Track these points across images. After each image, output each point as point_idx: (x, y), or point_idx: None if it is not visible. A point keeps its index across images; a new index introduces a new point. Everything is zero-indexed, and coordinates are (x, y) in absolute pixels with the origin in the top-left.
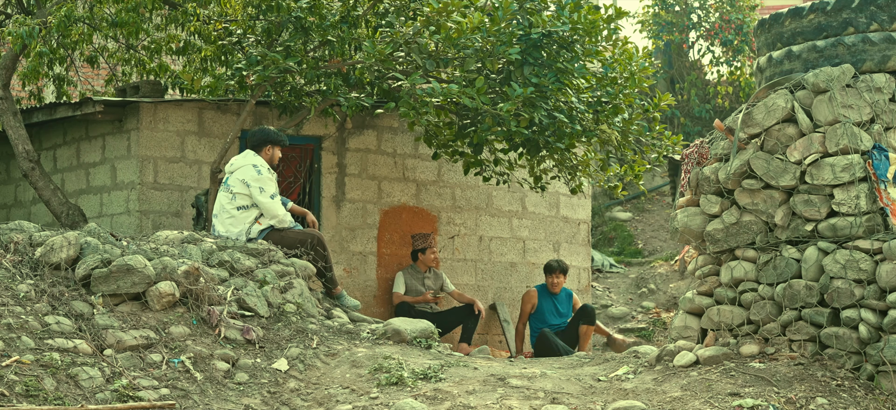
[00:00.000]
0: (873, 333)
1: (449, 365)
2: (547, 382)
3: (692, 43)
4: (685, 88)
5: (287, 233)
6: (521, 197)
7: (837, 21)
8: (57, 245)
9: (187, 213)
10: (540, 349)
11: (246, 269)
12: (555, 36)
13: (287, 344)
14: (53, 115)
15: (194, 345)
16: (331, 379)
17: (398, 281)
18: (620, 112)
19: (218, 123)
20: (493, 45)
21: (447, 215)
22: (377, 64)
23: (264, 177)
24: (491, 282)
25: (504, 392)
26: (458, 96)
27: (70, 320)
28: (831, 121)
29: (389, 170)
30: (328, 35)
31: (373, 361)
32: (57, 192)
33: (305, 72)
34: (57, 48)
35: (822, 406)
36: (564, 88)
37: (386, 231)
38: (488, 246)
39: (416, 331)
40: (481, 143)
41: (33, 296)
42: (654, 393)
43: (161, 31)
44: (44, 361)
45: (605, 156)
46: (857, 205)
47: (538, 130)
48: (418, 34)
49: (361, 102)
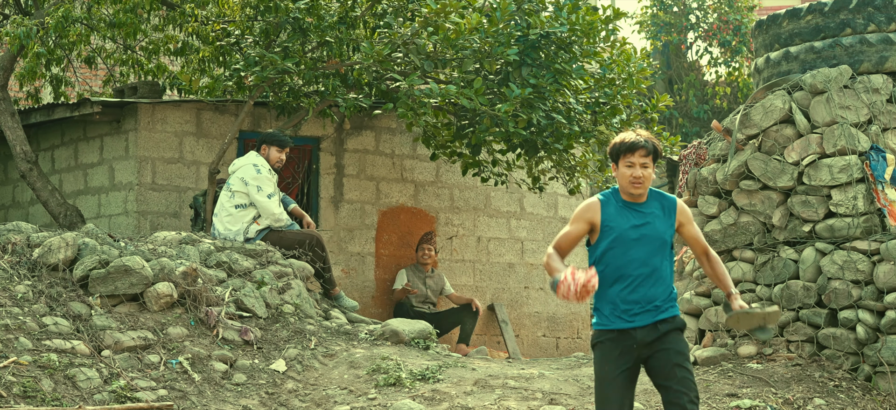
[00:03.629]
0: (871, 334)
1: (447, 366)
2: (545, 383)
3: (690, 44)
4: (683, 89)
5: (285, 234)
6: (520, 197)
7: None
8: (55, 246)
9: (185, 214)
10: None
11: (244, 270)
12: (553, 37)
13: (285, 345)
14: (51, 116)
15: (192, 346)
16: (329, 380)
17: (400, 278)
18: (618, 113)
19: (216, 124)
20: (492, 45)
21: (445, 216)
22: (375, 65)
23: (263, 177)
24: (489, 283)
25: (502, 393)
26: (456, 97)
27: (68, 321)
28: (829, 122)
29: (388, 171)
30: (326, 36)
31: (371, 362)
32: (55, 193)
33: (303, 73)
34: (54, 49)
35: (820, 407)
36: (562, 89)
37: (384, 232)
38: (486, 247)
39: (414, 332)
40: (479, 144)
41: (31, 297)
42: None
43: (159, 31)
44: (41, 362)
45: (603, 157)
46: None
47: (536, 131)
48: (416, 35)
49: (359, 103)
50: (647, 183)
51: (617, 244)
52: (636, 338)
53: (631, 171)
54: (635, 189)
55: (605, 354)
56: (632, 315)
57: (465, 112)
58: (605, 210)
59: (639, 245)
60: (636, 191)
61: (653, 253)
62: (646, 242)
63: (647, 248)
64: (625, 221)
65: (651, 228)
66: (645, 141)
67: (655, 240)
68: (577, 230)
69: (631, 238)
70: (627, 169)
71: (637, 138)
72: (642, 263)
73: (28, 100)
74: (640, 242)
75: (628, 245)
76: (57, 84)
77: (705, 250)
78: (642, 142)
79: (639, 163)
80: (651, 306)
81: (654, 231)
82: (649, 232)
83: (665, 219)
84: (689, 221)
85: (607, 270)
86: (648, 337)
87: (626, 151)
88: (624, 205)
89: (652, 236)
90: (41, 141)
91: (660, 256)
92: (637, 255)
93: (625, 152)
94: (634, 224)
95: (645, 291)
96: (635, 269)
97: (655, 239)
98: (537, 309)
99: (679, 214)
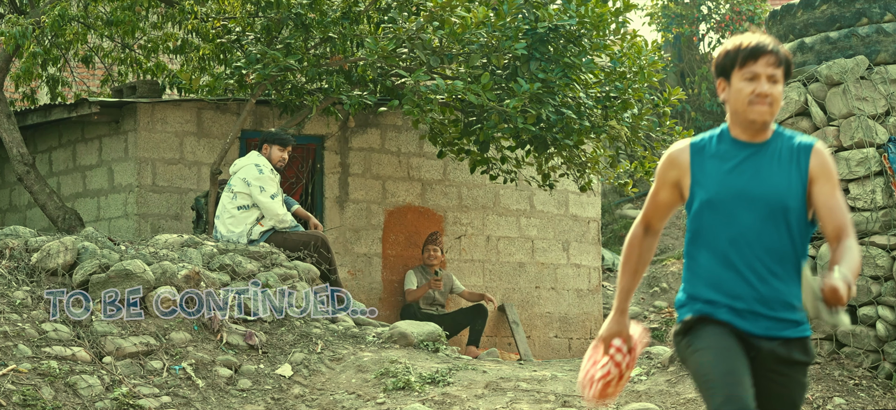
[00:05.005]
0: (891, 331)
1: (457, 369)
2: (558, 385)
3: (702, 35)
4: (696, 82)
5: (290, 236)
6: (529, 195)
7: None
8: (53, 250)
9: (187, 216)
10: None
11: (248, 273)
12: (561, 30)
13: (291, 349)
14: (48, 117)
15: (196, 351)
16: (336, 385)
17: (409, 278)
18: (630, 107)
19: (217, 123)
20: (499, 40)
21: (453, 215)
22: (380, 61)
23: (266, 177)
24: (499, 283)
25: (514, 395)
26: (463, 93)
27: (68, 327)
28: (845, 115)
29: (394, 170)
30: (329, 31)
31: (379, 365)
32: (53, 196)
33: (306, 70)
34: (51, 48)
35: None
36: (572, 83)
37: (391, 231)
38: (496, 246)
39: (422, 334)
40: (487, 141)
41: (30, 303)
42: (668, 395)
43: (158, 29)
44: (41, 369)
45: (614, 153)
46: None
47: (546, 127)
48: (422, 30)
49: (364, 100)
50: (775, 106)
51: (712, 207)
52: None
53: (753, 85)
54: (759, 108)
55: (702, 331)
56: (740, 314)
57: (473, 108)
58: (696, 158)
59: (748, 207)
60: (761, 112)
61: (767, 220)
62: (759, 205)
63: (759, 213)
64: (725, 171)
65: (767, 182)
66: (774, 45)
67: (772, 202)
68: (663, 198)
69: (733, 195)
70: (747, 82)
71: (762, 40)
72: (755, 238)
73: (24, 102)
74: (752, 204)
75: (730, 207)
76: (54, 84)
77: (839, 231)
78: (770, 47)
79: (765, 75)
80: (767, 310)
81: (771, 187)
82: (764, 187)
83: (791, 170)
84: (826, 177)
85: (701, 244)
86: (768, 356)
87: (747, 58)
88: (732, 145)
89: (768, 195)
90: (38, 143)
91: (780, 227)
92: (745, 224)
93: (745, 59)
94: (741, 175)
95: (757, 282)
96: (742, 248)
97: (772, 201)
98: (549, 309)
99: (814, 164)
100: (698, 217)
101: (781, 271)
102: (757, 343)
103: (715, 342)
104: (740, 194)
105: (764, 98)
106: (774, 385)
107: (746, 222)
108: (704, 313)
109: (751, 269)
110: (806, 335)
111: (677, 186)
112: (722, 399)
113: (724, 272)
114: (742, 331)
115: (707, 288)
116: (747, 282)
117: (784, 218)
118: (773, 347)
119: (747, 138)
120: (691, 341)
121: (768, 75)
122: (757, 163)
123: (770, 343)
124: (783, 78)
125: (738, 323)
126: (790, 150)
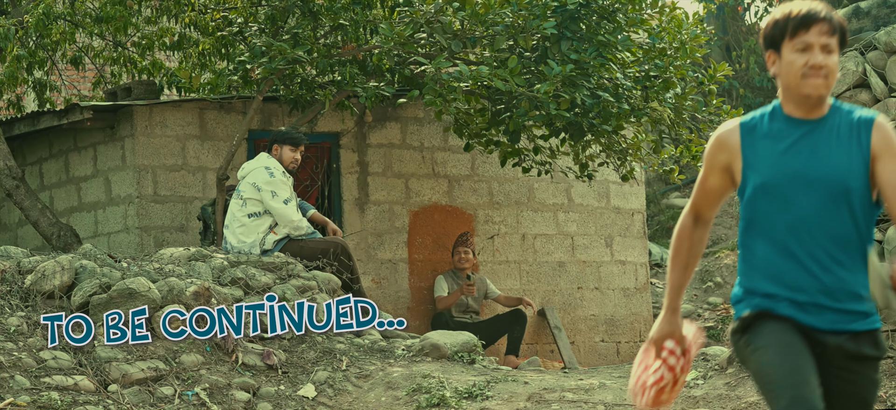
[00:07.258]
0: None
1: (496, 381)
2: (607, 394)
3: (748, 5)
4: (743, 56)
5: (307, 244)
6: (567, 187)
7: None
8: (49, 271)
9: (193, 227)
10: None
11: (263, 286)
12: (594, 5)
13: (313, 368)
14: (37, 126)
15: (209, 375)
16: (364, 404)
17: (440, 284)
18: (672, 86)
19: (222, 124)
20: (526, 19)
21: (484, 213)
22: (397, 48)
23: (277, 181)
24: (537, 285)
25: (559, 407)
26: (489, 79)
27: (68, 354)
28: None
29: (417, 166)
30: (340, 18)
31: (410, 381)
32: (45, 212)
33: (317, 62)
34: (36, 50)
35: None
36: (608, 63)
37: (417, 234)
38: (532, 245)
39: (456, 345)
40: (518, 130)
41: (26, 330)
42: (728, 399)
43: (152, 24)
44: (41, 402)
45: (657, 137)
46: None
47: (581, 112)
48: (441, 12)
49: (381, 92)
50: (831, 78)
51: (766, 192)
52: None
53: (806, 57)
54: (814, 81)
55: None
56: (802, 307)
57: (500, 95)
58: (747, 139)
59: (806, 191)
60: (815, 85)
61: (827, 204)
62: (818, 187)
63: (819, 197)
64: (780, 152)
65: (826, 162)
66: (826, 12)
67: (832, 184)
68: (712, 184)
69: (789, 177)
70: (799, 54)
71: (814, 7)
72: (815, 224)
73: (9, 110)
74: (811, 187)
75: (787, 191)
76: (41, 89)
77: None
78: (822, 13)
79: (818, 45)
80: (832, 301)
81: (830, 167)
82: (823, 168)
83: (851, 147)
84: (891, 154)
85: (757, 233)
86: (836, 352)
87: (798, 27)
88: (785, 123)
89: (827, 176)
90: (27, 154)
91: (842, 211)
92: (804, 208)
93: (796, 28)
94: (797, 155)
95: (819, 271)
96: (802, 235)
97: (833, 182)
98: (593, 311)
99: (877, 139)
100: (752, 203)
101: (846, 258)
102: (822, 339)
103: (776, 339)
104: (797, 176)
105: (818, 70)
106: (843, 383)
107: (805, 207)
108: (763, 308)
109: (812, 258)
110: (876, 327)
111: (728, 171)
112: (787, 400)
113: (784, 262)
114: (806, 326)
115: (765, 281)
116: (809, 272)
117: (846, 200)
118: (841, 342)
119: (802, 115)
120: (750, 339)
121: (822, 45)
122: (814, 142)
123: (837, 338)
124: (838, 47)
125: (800, 317)
126: (849, 126)
